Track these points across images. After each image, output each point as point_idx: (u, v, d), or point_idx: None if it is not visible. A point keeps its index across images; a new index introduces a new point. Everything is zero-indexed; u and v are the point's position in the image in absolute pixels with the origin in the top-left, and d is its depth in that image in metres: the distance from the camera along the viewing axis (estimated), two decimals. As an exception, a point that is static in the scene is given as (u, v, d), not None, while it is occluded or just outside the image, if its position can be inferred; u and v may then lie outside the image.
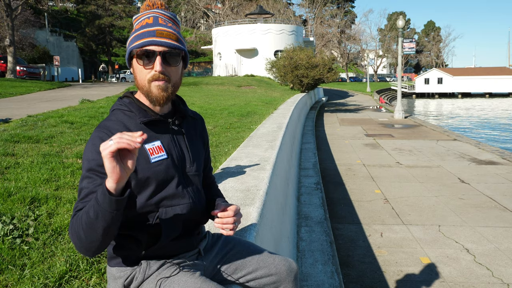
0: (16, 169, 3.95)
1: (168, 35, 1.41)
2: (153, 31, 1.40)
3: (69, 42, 47.67)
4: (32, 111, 8.83)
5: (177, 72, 1.47)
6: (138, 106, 1.48)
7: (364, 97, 43.40)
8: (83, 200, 1.30)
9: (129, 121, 1.45)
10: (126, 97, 1.53)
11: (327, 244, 4.90)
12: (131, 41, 1.44)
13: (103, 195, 1.16)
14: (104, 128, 1.41)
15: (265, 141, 5.33)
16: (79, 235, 1.23)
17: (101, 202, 1.17)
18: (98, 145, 1.33)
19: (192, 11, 65.58)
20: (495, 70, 65.58)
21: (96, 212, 1.18)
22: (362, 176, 9.07)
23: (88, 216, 1.20)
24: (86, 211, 1.22)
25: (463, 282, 4.35)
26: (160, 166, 1.44)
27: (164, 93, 1.43)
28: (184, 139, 1.56)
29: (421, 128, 17.53)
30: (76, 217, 1.26)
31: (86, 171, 1.34)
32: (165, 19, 1.45)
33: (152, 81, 1.41)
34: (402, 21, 21.85)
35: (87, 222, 1.21)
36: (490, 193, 7.57)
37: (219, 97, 16.67)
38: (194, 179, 1.56)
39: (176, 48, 1.42)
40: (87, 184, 1.32)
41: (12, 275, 2.10)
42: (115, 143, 1.10)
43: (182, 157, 1.52)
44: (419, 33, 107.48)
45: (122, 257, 1.48)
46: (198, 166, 1.58)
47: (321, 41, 66.52)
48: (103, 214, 1.18)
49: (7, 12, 24.66)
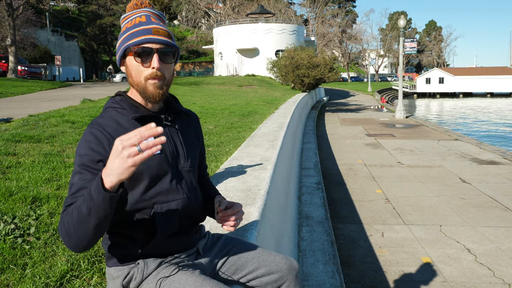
0: (17, 169, 3.95)
1: (163, 33, 1.44)
2: (149, 29, 1.42)
3: (70, 42, 47.73)
4: (34, 110, 8.84)
5: (170, 70, 1.50)
6: (130, 103, 1.50)
7: (365, 96, 43.37)
8: (73, 195, 1.29)
9: (121, 117, 1.46)
10: (118, 95, 1.54)
11: (328, 244, 4.90)
12: (126, 38, 1.44)
13: (97, 191, 1.13)
14: (96, 124, 1.41)
15: (266, 141, 5.32)
16: (69, 231, 1.22)
17: (95, 198, 1.14)
18: (91, 141, 1.35)
19: (193, 10, 65.58)
20: (497, 70, 65.48)
21: (89, 208, 1.16)
22: (363, 176, 9.06)
23: (79, 212, 1.18)
24: (78, 207, 1.20)
25: (464, 282, 4.35)
26: (153, 161, 1.43)
27: (160, 90, 1.45)
28: (178, 135, 1.56)
29: (422, 128, 17.52)
30: (66, 212, 1.24)
31: (78, 166, 1.34)
32: (156, 17, 1.49)
33: (149, 79, 1.43)
34: (404, 20, 21.82)
35: (78, 218, 1.19)
36: (491, 193, 7.56)
37: (220, 96, 16.68)
38: (188, 175, 1.56)
39: (171, 45, 1.46)
40: (78, 180, 1.31)
41: (13, 275, 2.11)
42: (145, 153, 1.08)
43: (176, 153, 1.52)
44: (420, 32, 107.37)
45: (119, 256, 1.48)
46: (192, 162, 1.58)
47: (322, 41, 66.53)
48: (96, 210, 1.15)
49: (8, 12, 24.70)
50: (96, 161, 1.34)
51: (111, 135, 1.38)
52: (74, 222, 1.20)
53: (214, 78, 32.42)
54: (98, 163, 1.34)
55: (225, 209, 1.60)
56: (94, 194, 1.14)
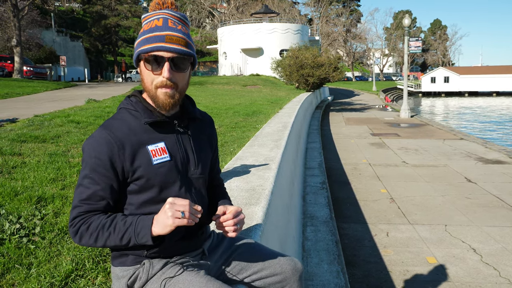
0: (23, 169, 3.97)
1: (177, 41, 1.38)
2: (162, 36, 1.37)
3: (75, 42, 47.92)
4: (39, 111, 8.88)
5: (184, 78, 1.45)
6: (144, 106, 1.47)
7: (370, 96, 43.23)
8: (86, 201, 1.36)
9: (135, 121, 1.44)
10: (133, 96, 1.52)
11: (333, 244, 4.89)
12: (139, 43, 1.41)
13: (145, 235, 1.32)
14: (108, 128, 1.41)
15: (271, 141, 5.32)
16: (86, 239, 1.36)
17: (139, 237, 1.33)
18: (102, 143, 1.37)
19: (198, 10, 65.65)
20: (502, 68, 65.03)
21: (128, 239, 1.34)
22: (368, 175, 9.04)
23: (116, 238, 1.34)
24: (116, 231, 1.35)
25: (470, 282, 4.33)
26: (162, 168, 1.43)
27: (171, 99, 1.42)
28: (190, 141, 1.54)
29: (427, 127, 17.44)
30: (87, 223, 1.36)
31: (88, 170, 1.36)
32: (174, 20, 1.42)
33: (159, 87, 1.40)
34: (408, 19, 21.74)
35: (107, 237, 1.34)
36: (497, 193, 7.52)
37: (225, 96, 16.68)
38: (197, 182, 1.55)
39: (185, 54, 1.40)
40: (89, 185, 1.36)
41: (18, 274, 2.12)
42: (187, 220, 1.29)
43: (186, 159, 1.51)
44: (425, 31, 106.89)
45: (124, 256, 1.49)
46: (203, 169, 1.57)
47: (326, 40, 66.40)
48: (132, 243, 1.34)
49: (13, 13, 24.81)
50: (105, 167, 1.36)
51: (120, 140, 1.39)
52: (99, 237, 1.35)
53: (218, 77, 32.42)
54: (107, 168, 1.36)
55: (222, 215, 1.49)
56: (141, 233, 1.33)
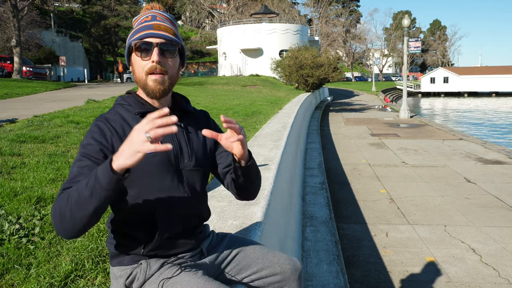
0: (22, 169, 3.97)
1: (165, 29, 1.46)
2: (150, 25, 1.45)
3: (75, 43, 47.94)
4: (38, 111, 8.88)
5: (174, 65, 1.49)
6: (136, 100, 1.52)
7: (370, 96, 43.26)
8: (72, 180, 1.29)
9: (127, 114, 1.49)
10: (127, 93, 1.58)
11: (332, 244, 4.89)
12: (130, 36, 1.49)
13: (105, 172, 1.14)
14: (102, 118, 1.46)
15: (270, 141, 5.32)
16: (64, 214, 1.20)
17: (101, 179, 1.14)
18: (94, 131, 1.39)
19: (197, 11, 65.64)
20: (502, 69, 65.08)
21: (91, 188, 1.15)
22: (367, 175, 9.04)
23: (80, 194, 1.17)
24: (78, 189, 1.19)
25: (469, 282, 4.33)
26: (154, 157, 1.44)
27: (161, 86, 1.45)
28: (183, 133, 1.55)
29: (426, 128, 17.45)
30: (63, 195, 1.23)
31: (79, 155, 1.37)
32: (163, 18, 1.50)
33: (149, 74, 1.44)
34: (408, 20, 21.76)
35: (78, 200, 1.18)
36: (496, 193, 7.52)
37: (224, 97, 16.69)
38: (191, 174, 1.54)
39: (173, 40, 1.46)
40: (78, 168, 1.33)
41: (18, 275, 2.12)
42: (153, 146, 1.08)
43: (179, 151, 1.52)
44: (424, 32, 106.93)
45: (122, 256, 1.49)
46: (197, 161, 1.56)
47: (326, 41, 66.46)
48: (99, 192, 1.15)
49: (13, 13, 24.83)
50: (97, 151, 1.36)
51: (115, 129, 1.42)
52: (72, 204, 1.19)
53: (218, 78, 32.45)
54: (99, 153, 1.36)
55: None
56: (100, 175, 1.15)
